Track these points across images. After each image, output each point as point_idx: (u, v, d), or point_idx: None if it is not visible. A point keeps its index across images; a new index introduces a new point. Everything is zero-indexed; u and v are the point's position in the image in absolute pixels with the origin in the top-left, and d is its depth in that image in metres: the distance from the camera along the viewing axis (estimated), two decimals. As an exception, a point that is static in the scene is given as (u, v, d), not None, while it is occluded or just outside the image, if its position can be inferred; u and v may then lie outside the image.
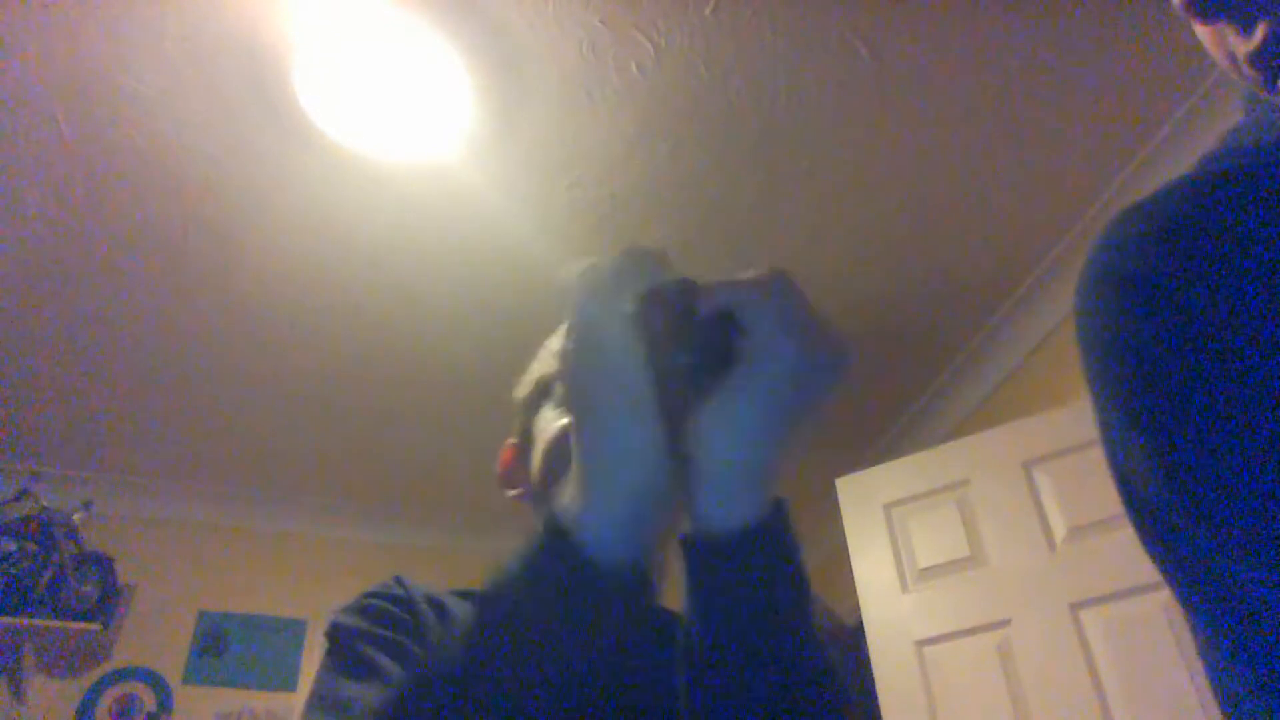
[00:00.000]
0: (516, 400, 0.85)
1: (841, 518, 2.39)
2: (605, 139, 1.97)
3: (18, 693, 2.70)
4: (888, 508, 2.32)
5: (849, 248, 2.30)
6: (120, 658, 2.88)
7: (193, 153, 1.95)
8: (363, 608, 0.68)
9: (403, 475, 3.17)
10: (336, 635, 0.66)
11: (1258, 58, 0.45)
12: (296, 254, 2.23)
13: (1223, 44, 0.47)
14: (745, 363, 0.48)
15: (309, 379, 2.65)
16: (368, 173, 2.02)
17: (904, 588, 2.20)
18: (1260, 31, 0.45)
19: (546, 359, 0.82)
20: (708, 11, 1.71)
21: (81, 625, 2.71)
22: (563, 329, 0.51)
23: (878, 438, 3.09)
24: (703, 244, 2.26)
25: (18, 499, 2.76)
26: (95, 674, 2.84)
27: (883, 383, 2.84)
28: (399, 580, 0.72)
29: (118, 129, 1.89)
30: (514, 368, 0.87)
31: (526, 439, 0.81)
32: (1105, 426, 0.47)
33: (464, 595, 0.75)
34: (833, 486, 2.46)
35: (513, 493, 0.84)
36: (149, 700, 2.85)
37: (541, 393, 0.80)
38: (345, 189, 2.06)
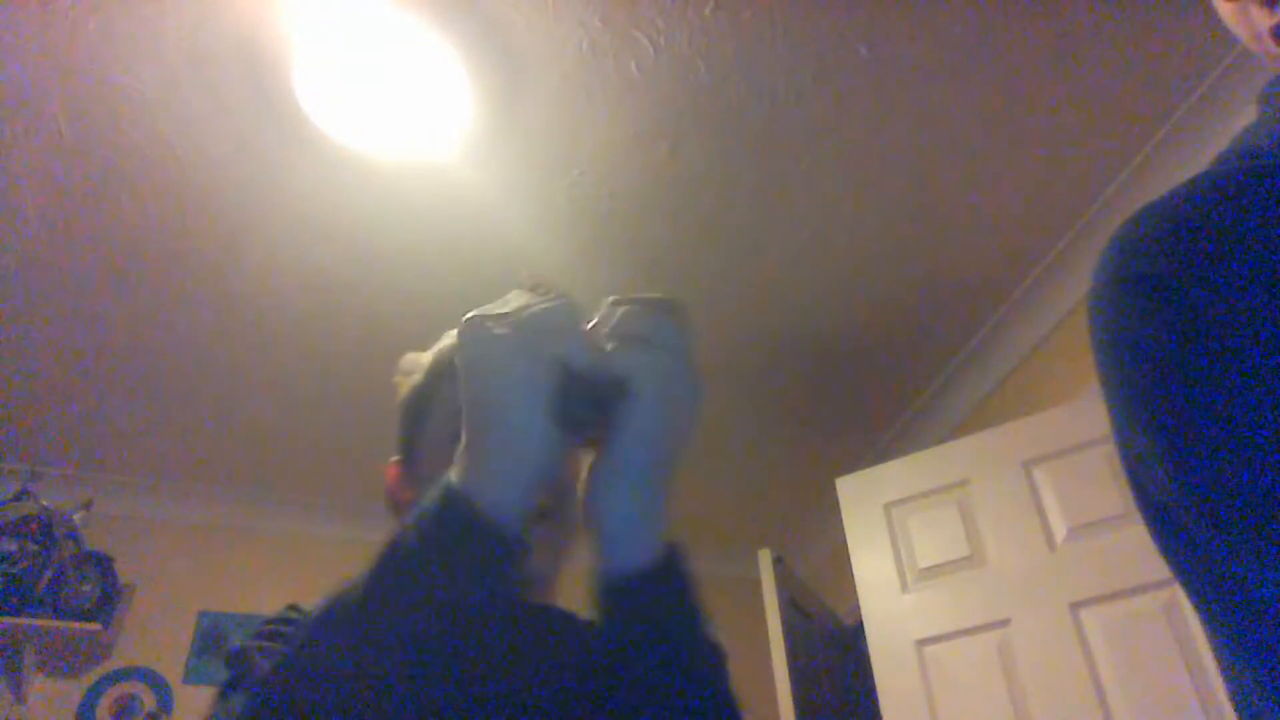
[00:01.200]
0: (398, 406, 0.81)
1: (842, 517, 2.39)
2: (605, 138, 1.97)
3: (18, 693, 2.70)
4: (888, 507, 2.32)
5: (849, 247, 2.30)
6: (120, 658, 2.88)
7: (192, 152, 1.95)
8: (261, 633, 0.69)
9: (403, 475, 3.17)
10: (234, 659, 0.66)
11: None
12: (296, 253, 2.23)
13: (1247, 19, 0.47)
14: (630, 421, 0.56)
15: (309, 379, 2.66)
16: (367, 172, 2.02)
17: (904, 587, 2.20)
18: None
19: (420, 374, 0.79)
20: (707, 11, 1.71)
21: (81, 625, 2.71)
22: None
23: (878, 438, 3.09)
24: (702, 243, 2.26)
25: (18, 499, 2.76)
26: (95, 674, 2.84)
27: (883, 383, 2.84)
28: (293, 606, 0.73)
29: (118, 129, 1.89)
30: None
31: (412, 462, 0.79)
32: (1117, 424, 0.47)
33: None
34: (833, 486, 2.46)
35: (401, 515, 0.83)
36: (149, 700, 2.85)
37: (422, 410, 0.78)
38: (345, 188, 2.06)
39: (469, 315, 0.57)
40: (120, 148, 1.93)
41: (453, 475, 0.55)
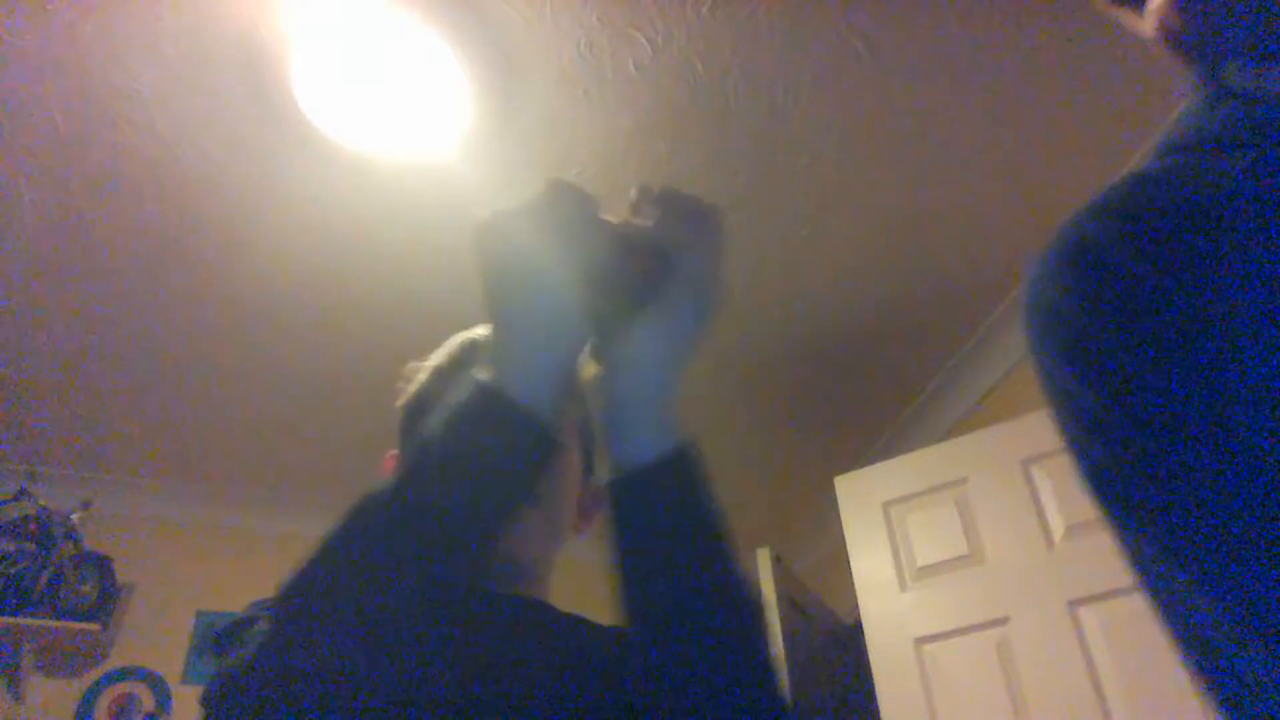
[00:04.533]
0: (398, 409, 0.83)
1: (840, 516, 2.40)
2: (602, 137, 1.97)
3: (17, 693, 2.70)
4: (886, 506, 2.32)
5: (847, 246, 2.31)
6: (120, 658, 2.88)
7: (191, 152, 1.95)
8: (255, 606, 0.68)
9: (402, 475, 3.17)
10: (232, 628, 0.65)
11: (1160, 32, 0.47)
12: (295, 253, 2.23)
13: (1136, 25, 0.49)
14: (665, 301, 0.58)
15: (309, 378, 2.66)
16: (366, 171, 2.02)
17: (903, 586, 2.21)
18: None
19: (424, 374, 0.81)
20: (705, 10, 1.71)
21: (81, 625, 2.71)
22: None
23: (877, 436, 3.09)
24: (701, 243, 2.26)
25: (17, 499, 2.76)
26: (94, 674, 2.84)
27: (882, 381, 2.85)
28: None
29: (117, 129, 1.89)
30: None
31: None
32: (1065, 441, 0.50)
33: None
34: (832, 485, 2.46)
35: None
36: (148, 700, 2.86)
37: (423, 407, 0.79)
38: (343, 188, 2.06)
39: (483, 216, 0.59)
40: (119, 147, 1.93)
41: (478, 374, 0.55)
